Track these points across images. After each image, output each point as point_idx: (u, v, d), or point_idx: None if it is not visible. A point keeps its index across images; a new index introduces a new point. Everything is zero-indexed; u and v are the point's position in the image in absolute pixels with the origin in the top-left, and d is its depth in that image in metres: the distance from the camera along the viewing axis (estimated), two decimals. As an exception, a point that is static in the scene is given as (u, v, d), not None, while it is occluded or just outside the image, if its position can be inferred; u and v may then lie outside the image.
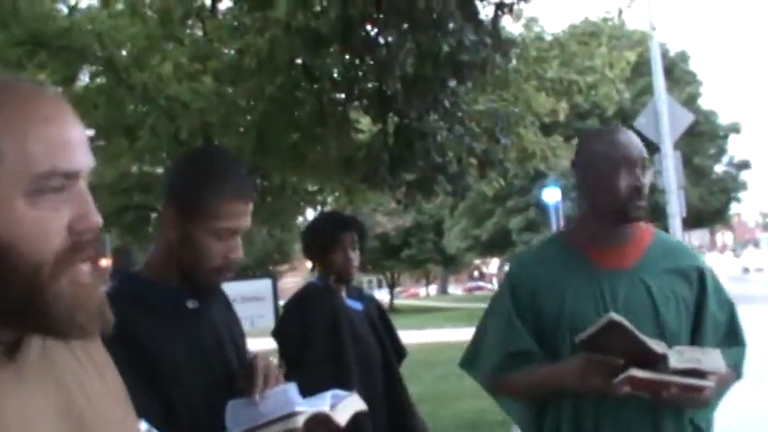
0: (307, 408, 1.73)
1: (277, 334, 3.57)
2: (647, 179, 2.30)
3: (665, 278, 2.32)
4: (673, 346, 2.10)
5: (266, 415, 1.74)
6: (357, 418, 1.86)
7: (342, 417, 1.77)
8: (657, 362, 2.03)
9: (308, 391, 1.94)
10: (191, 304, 1.89)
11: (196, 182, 1.83)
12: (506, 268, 2.79)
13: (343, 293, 3.55)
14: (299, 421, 1.67)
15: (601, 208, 2.33)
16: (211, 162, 1.90)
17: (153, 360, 1.72)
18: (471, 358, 2.52)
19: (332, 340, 3.37)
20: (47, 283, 0.91)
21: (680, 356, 2.03)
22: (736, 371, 2.38)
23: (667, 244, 2.44)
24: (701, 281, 2.36)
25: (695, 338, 2.32)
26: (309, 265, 3.77)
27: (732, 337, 2.41)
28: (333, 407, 1.78)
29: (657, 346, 2.05)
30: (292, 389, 1.81)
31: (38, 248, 0.90)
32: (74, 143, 0.95)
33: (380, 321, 3.65)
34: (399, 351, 3.66)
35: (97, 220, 0.95)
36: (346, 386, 3.16)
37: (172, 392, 1.75)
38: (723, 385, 2.33)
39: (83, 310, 0.95)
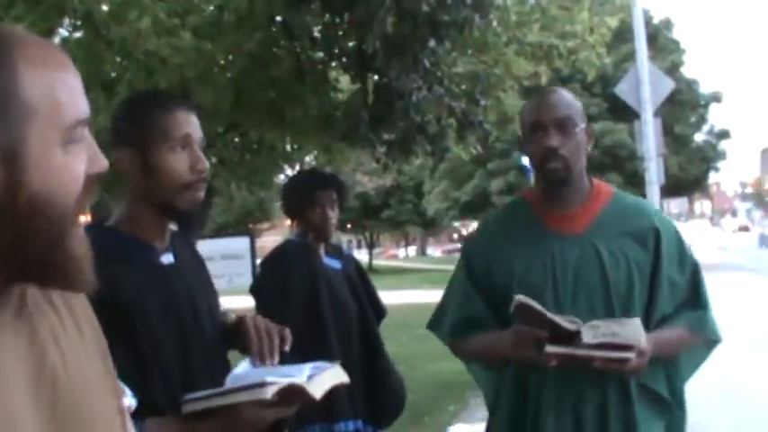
0: (279, 379, 1.65)
1: (254, 290, 3.57)
2: (571, 139, 2.27)
3: (618, 241, 2.29)
4: (589, 322, 2.10)
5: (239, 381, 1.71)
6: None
7: (318, 389, 1.69)
8: (573, 338, 2.09)
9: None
10: (165, 260, 1.89)
11: (137, 113, 1.89)
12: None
13: (322, 251, 3.55)
14: (268, 392, 1.60)
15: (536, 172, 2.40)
16: (144, 95, 2.25)
17: (127, 315, 1.71)
18: (436, 320, 2.60)
19: (309, 297, 3.36)
20: (70, 231, 0.92)
21: (594, 331, 2.08)
22: (699, 335, 2.34)
23: (624, 205, 2.40)
24: (656, 242, 2.31)
25: (651, 301, 2.29)
26: (289, 222, 3.75)
27: (694, 301, 2.36)
28: (310, 378, 1.69)
29: (569, 323, 2.09)
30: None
31: (69, 195, 0.91)
32: (81, 89, 0.95)
33: (360, 281, 3.63)
34: (379, 311, 3.66)
35: (105, 162, 0.96)
36: (323, 343, 3.20)
37: (146, 349, 1.74)
38: (683, 350, 2.33)
39: (88, 259, 0.95)
